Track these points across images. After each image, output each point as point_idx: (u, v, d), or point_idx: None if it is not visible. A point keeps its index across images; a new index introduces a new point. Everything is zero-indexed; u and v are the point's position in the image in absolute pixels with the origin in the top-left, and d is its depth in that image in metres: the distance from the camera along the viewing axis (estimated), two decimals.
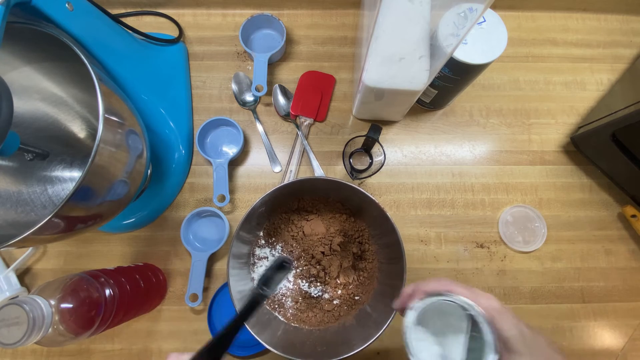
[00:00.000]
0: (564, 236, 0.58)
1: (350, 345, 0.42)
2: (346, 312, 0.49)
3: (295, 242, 0.51)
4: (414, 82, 0.47)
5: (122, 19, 0.51)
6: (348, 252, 0.51)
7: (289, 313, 0.49)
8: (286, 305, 0.50)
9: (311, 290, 0.50)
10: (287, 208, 0.52)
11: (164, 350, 0.53)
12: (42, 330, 0.34)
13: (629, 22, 0.65)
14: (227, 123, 0.58)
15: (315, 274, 0.50)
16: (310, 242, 0.51)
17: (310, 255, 0.50)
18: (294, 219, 0.52)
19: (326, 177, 0.56)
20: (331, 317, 0.49)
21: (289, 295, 0.50)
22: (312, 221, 0.52)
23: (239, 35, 0.58)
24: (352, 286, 0.50)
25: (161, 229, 0.57)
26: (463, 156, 0.60)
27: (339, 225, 0.51)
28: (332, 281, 0.50)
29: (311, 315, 0.49)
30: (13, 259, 0.54)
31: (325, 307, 0.49)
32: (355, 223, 0.52)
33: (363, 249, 0.51)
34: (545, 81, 0.63)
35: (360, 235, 0.51)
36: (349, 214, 0.52)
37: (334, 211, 0.52)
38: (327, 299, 0.50)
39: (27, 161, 0.44)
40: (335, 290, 0.50)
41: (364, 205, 0.48)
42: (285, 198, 0.50)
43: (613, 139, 0.51)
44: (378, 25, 0.43)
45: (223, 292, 0.53)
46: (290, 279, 0.51)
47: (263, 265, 0.50)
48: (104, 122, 0.36)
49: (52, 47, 0.38)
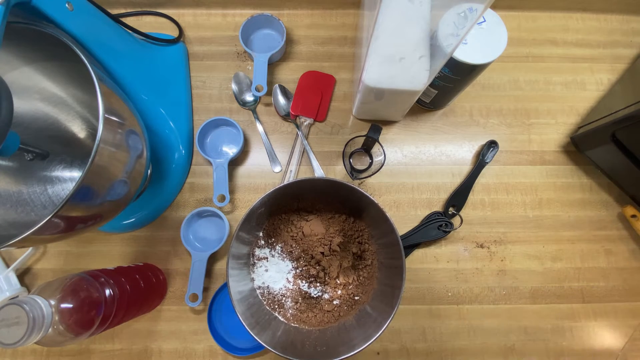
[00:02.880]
0: (564, 236, 0.58)
1: (351, 346, 0.42)
2: (346, 312, 0.49)
3: (294, 242, 0.51)
4: (414, 82, 0.47)
5: (122, 19, 0.51)
6: (348, 253, 0.51)
7: (289, 313, 0.49)
8: (286, 305, 0.50)
9: (311, 290, 0.50)
10: (287, 208, 0.52)
11: (164, 350, 0.53)
12: (42, 330, 0.34)
13: (629, 22, 0.65)
14: (227, 123, 0.58)
15: (315, 274, 0.50)
16: (309, 243, 0.51)
17: (309, 256, 0.50)
18: (293, 220, 0.52)
19: (325, 177, 0.56)
20: (331, 317, 0.49)
21: (289, 296, 0.50)
22: (311, 221, 0.52)
23: (239, 35, 0.58)
24: (351, 286, 0.50)
25: (161, 229, 0.57)
26: (463, 156, 0.60)
27: (339, 225, 0.51)
28: (331, 281, 0.50)
29: (311, 316, 0.49)
30: (13, 259, 0.54)
31: (325, 307, 0.49)
32: (354, 223, 0.52)
33: (363, 249, 0.51)
34: (545, 81, 0.63)
35: (359, 235, 0.51)
36: (349, 214, 0.52)
37: (334, 211, 0.52)
38: (327, 299, 0.50)
39: (27, 161, 0.44)
40: (335, 291, 0.50)
41: (363, 206, 0.48)
42: (284, 198, 0.50)
43: (613, 139, 0.51)
44: (378, 25, 0.43)
45: (223, 292, 0.53)
46: (289, 279, 0.51)
47: (263, 265, 0.50)
48: (104, 122, 0.36)
49: (52, 47, 0.38)
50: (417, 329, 0.54)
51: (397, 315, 0.55)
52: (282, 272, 0.51)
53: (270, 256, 0.51)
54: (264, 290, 0.50)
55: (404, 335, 0.54)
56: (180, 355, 0.53)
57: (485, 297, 0.55)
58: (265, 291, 0.50)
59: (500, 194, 0.59)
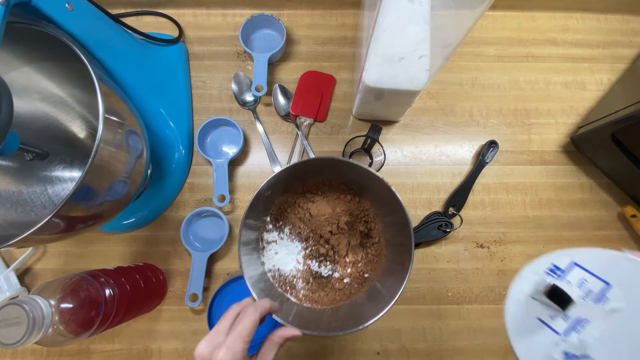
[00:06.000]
0: (564, 236, 0.57)
1: (364, 320, 0.43)
2: (357, 290, 0.50)
3: (302, 223, 0.52)
4: (414, 82, 0.47)
5: (122, 19, 0.51)
6: (355, 231, 0.52)
7: (301, 294, 0.50)
8: (297, 286, 0.50)
9: (321, 270, 0.51)
10: (292, 192, 0.53)
11: (164, 350, 0.53)
12: (42, 330, 0.34)
13: (629, 22, 0.65)
14: (227, 123, 0.58)
15: (324, 253, 0.51)
16: (317, 223, 0.52)
17: (318, 235, 0.51)
18: (299, 202, 0.53)
19: (331, 156, 0.56)
20: (343, 296, 0.50)
21: (300, 277, 0.51)
22: (317, 203, 0.53)
23: (239, 35, 0.58)
24: (361, 264, 0.51)
25: (161, 229, 0.57)
26: (463, 156, 0.60)
27: (345, 205, 0.52)
28: (341, 260, 0.51)
29: (323, 295, 0.50)
30: (13, 259, 0.54)
31: (336, 285, 0.50)
32: (359, 203, 0.53)
33: (369, 228, 0.52)
34: (545, 81, 0.63)
35: (365, 214, 0.52)
36: (353, 195, 0.53)
37: (339, 192, 0.53)
38: (337, 277, 0.51)
39: (27, 161, 0.44)
40: (345, 269, 0.51)
41: (367, 184, 0.49)
42: (289, 182, 0.51)
43: (613, 139, 0.51)
44: (378, 25, 0.43)
45: (223, 292, 0.53)
46: (299, 260, 0.51)
47: (272, 249, 0.51)
48: (104, 122, 0.36)
49: (52, 47, 0.38)
50: (417, 329, 0.54)
51: (397, 315, 0.55)
52: (291, 253, 0.51)
53: (279, 239, 0.52)
54: (275, 272, 0.51)
55: (404, 335, 0.54)
56: (180, 355, 0.53)
57: (486, 297, 0.55)
58: (276, 274, 0.51)
59: (500, 194, 0.59)
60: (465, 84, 0.62)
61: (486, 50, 0.63)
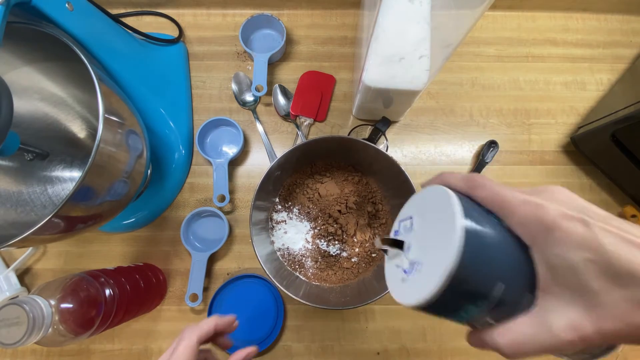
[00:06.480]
0: None
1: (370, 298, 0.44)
2: (365, 269, 0.51)
3: (311, 203, 0.53)
4: (414, 82, 0.47)
5: (122, 19, 0.51)
6: (363, 211, 0.53)
7: (310, 272, 0.51)
8: (306, 265, 0.52)
9: (330, 249, 0.52)
10: (301, 173, 0.54)
11: (164, 350, 0.53)
12: (42, 330, 0.34)
13: (629, 22, 0.65)
14: (227, 123, 0.58)
15: (333, 231, 0.52)
16: (326, 202, 0.53)
17: (327, 215, 0.53)
18: (308, 183, 0.54)
19: (340, 135, 0.57)
20: (350, 275, 0.51)
21: (309, 256, 0.52)
22: (326, 184, 0.54)
23: (239, 35, 0.58)
24: (368, 244, 0.52)
25: (161, 229, 0.57)
26: (463, 156, 0.60)
27: (353, 186, 0.54)
28: (349, 239, 0.52)
29: (331, 274, 0.51)
30: (13, 259, 0.54)
31: (345, 264, 0.51)
32: (367, 185, 0.54)
33: (377, 209, 0.53)
34: (545, 81, 0.63)
35: (373, 196, 0.53)
36: (361, 176, 0.54)
37: (347, 174, 0.54)
38: (345, 257, 0.52)
39: (27, 161, 0.44)
40: (353, 249, 0.52)
41: (376, 166, 0.50)
42: (298, 163, 0.52)
43: (613, 139, 0.51)
44: (378, 25, 0.43)
45: (223, 292, 0.53)
46: (308, 239, 0.53)
47: (281, 228, 0.53)
48: (104, 122, 0.36)
49: (52, 47, 0.38)
50: (417, 329, 0.54)
51: (397, 315, 0.55)
52: (300, 232, 0.53)
53: (288, 219, 0.53)
54: (284, 251, 0.52)
55: (404, 335, 0.54)
56: None
57: None
58: (285, 252, 0.52)
59: None
60: (465, 84, 0.62)
61: (486, 50, 0.63)
